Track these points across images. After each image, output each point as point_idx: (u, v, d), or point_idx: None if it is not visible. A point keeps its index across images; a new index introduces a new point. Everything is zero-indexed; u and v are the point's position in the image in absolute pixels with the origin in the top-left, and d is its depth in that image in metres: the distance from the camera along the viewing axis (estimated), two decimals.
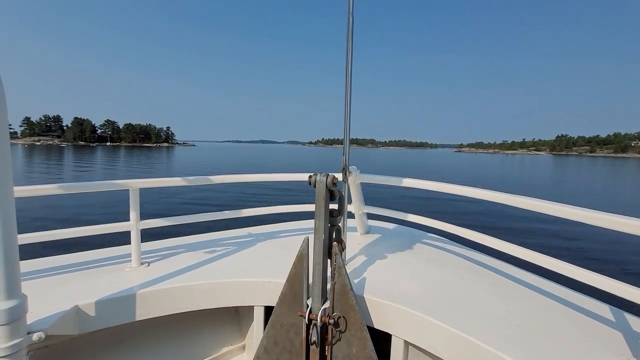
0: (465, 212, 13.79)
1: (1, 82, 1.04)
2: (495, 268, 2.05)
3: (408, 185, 2.14)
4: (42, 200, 11.56)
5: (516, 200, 1.57)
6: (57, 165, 34.54)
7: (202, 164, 41.90)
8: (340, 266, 1.49)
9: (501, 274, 1.96)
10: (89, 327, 1.53)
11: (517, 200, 1.57)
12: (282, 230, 2.83)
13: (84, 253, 2.12)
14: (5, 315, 1.10)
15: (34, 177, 23.64)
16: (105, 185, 1.93)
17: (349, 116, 1.98)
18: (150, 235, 2.16)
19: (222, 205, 14.01)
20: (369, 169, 15.57)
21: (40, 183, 1.79)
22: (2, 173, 1.06)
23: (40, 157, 48.61)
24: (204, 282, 1.78)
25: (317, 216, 1.51)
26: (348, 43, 1.91)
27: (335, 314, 1.46)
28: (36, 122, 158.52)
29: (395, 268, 2.00)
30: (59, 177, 24.70)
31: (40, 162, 39.06)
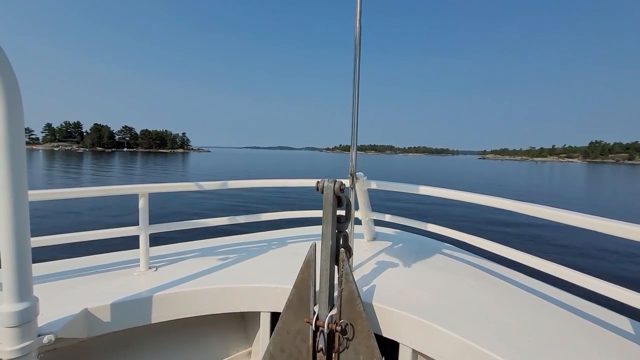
0: (475, 219, 13.65)
1: (18, 91, 1.10)
2: (506, 276, 2.04)
3: (415, 192, 2.14)
4: (55, 204, 12.17)
5: (527, 208, 1.57)
6: (66, 171, 36.20)
7: (210, 171, 42.73)
8: (348, 273, 1.50)
9: (512, 283, 1.94)
10: (98, 330, 1.58)
11: (528, 208, 1.57)
12: (289, 236, 2.87)
13: (93, 257, 2.21)
14: (17, 318, 1.14)
15: (46, 182, 24.85)
16: (115, 190, 2.01)
17: (356, 122, 2.02)
18: (159, 239, 2.23)
19: (231, 211, 14.36)
20: (387, 176, 15.37)
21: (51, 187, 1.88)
22: (17, 177, 1.11)
23: (57, 162, 51.15)
24: (211, 287, 1.82)
25: (325, 222, 1.53)
26: (356, 50, 1.96)
27: (343, 321, 1.47)
28: (57, 129, 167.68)
29: (403, 275, 2.01)
30: (61, 182, 25.86)
31: (50, 167, 41.06)
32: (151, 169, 40.96)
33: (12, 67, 1.08)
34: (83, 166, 43.98)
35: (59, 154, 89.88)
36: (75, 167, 42.18)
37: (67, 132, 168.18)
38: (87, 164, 49.20)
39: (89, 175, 31.23)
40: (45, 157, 64.37)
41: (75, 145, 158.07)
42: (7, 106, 1.06)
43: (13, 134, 1.08)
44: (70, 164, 47.73)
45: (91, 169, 39.12)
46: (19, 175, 1.12)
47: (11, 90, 1.07)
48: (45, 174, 30.58)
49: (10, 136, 1.08)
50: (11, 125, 1.07)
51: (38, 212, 11.90)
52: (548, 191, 28.35)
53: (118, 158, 71.59)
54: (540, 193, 26.71)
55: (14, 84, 1.08)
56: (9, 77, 1.06)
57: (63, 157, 70.15)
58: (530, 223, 12.23)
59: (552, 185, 35.05)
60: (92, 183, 25.61)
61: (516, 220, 12.78)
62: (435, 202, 15.97)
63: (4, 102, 1.05)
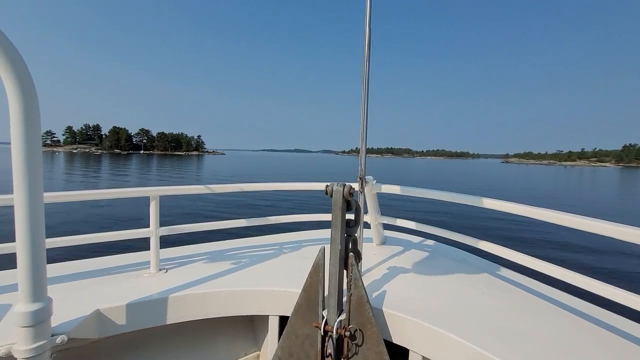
0: (489, 224, 13.41)
1: (36, 97, 1.15)
2: (519, 283, 2.01)
3: (426, 197, 2.15)
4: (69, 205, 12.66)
5: (545, 214, 1.55)
6: (84, 175, 37.62)
7: (223, 174, 43.42)
8: (357, 277, 1.51)
9: (526, 290, 1.92)
10: (109, 331, 1.64)
11: (545, 214, 1.55)
12: (299, 239, 2.92)
13: (104, 258, 2.30)
14: (32, 318, 1.20)
15: (56, 183, 25.95)
16: (127, 192, 2.10)
17: (366, 126, 2.04)
18: (169, 241, 2.30)
19: (241, 213, 14.62)
20: (404, 179, 15.33)
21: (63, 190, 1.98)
22: (33, 180, 1.17)
23: (75, 164, 53.32)
24: (220, 290, 1.87)
25: (334, 226, 1.54)
26: (365, 53, 1.98)
27: (352, 326, 1.47)
28: (77, 131, 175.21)
29: (413, 280, 2.01)
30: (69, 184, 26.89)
31: (69, 169, 42.79)
32: (167, 172, 42.03)
33: (30, 74, 1.13)
34: (99, 168, 45.64)
35: (77, 156, 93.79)
36: (90, 169, 43.83)
37: (86, 135, 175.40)
38: (103, 166, 51.02)
39: (101, 179, 32.35)
40: (64, 159, 67.28)
41: (94, 148, 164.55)
42: (24, 112, 1.12)
43: (29, 139, 1.14)
44: (87, 166, 49.63)
45: (106, 172, 40.57)
46: (35, 179, 1.17)
47: (28, 97, 1.12)
48: (64, 176, 31.94)
49: (27, 142, 1.14)
50: (28, 131, 1.13)
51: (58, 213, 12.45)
52: (587, 199, 26.81)
53: (134, 160, 73.94)
54: (577, 199, 25.49)
55: (32, 91, 1.13)
56: (26, 83, 1.11)
57: (81, 159, 73.07)
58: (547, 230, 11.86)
59: (586, 192, 33.39)
60: (110, 184, 26.55)
61: (529, 224, 12.48)
62: (446, 206, 15.78)
63: (21, 109, 1.11)
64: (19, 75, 1.09)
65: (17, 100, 1.10)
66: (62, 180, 27.46)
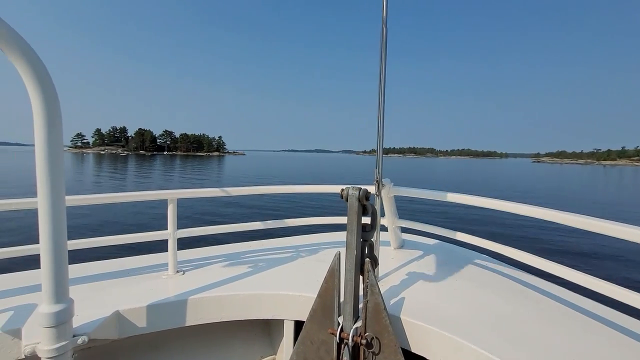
0: (513, 229, 12.81)
1: (58, 103, 1.20)
2: (547, 292, 1.92)
3: (446, 200, 2.09)
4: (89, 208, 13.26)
5: (575, 220, 1.48)
6: (111, 176, 39.38)
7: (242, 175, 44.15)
8: (373, 284, 1.50)
9: (554, 299, 1.83)
10: (128, 332, 1.70)
11: (576, 220, 1.48)
12: (315, 242, 2.92)
13: (123, 259, 2.39)
14: (55, 319, 1.25)
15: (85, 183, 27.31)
16: (146, 195, 2.18)
17: (382, 126, 2.02)
18: (186, 243, 2.36)
19: (257, 215, 14.74)
20: (427, 180, 15.06)
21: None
22: (55, 184, 1.22)
23: (103, 165, 56.02)
24: (236, 293, 1.91)
25: (349, 231, 1.53)
26: (382, 52, 1.97)
27: (368, 334, 1.46)
28: (105, 133, 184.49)
29: (432, 287, 1.97)
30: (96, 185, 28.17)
31: (98, 170, 44.94)
32: (188, 173, 43.33)
33: (52, 82, 1.18)
34: (125, 169, 47.71)
35: (105, 157, 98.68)
36: (117, 170, 45.89)
37: (114, 137, 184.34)
38: (129, 167, 53.28)
39: (127, 179, 33.75)
40: (93, 160, 70.91)
41: (120, 149, 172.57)
42: (47, 120, 1.17)
43: (52, 146, 1.20)
44: (115, 167, 51.99)
45: (132, 172, 42.35)
46: (58, 183, 1.23)
47: (51, 105, 1.18)
48: (93, 178, 33.65)
49: (49, 149, 1.20)
50: (50, 139, 1.19)
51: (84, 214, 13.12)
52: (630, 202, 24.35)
53: (158, 161, 76.74)
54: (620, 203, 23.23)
55: (54, 99, 1.19)
56: (49, 91, 1.17)
57: (108, 160, 76.71)
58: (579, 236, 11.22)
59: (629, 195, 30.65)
60: (135, 186, 27.71)
61: (559, 231, 11.79)
62: (467, 210, 15.34)
63: (44, 117, 1.17)
64: (42, 84, 1.14)
65: (40, 107, 1.15)
66: (90, 182, 28.95)
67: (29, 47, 1.10)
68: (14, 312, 1.60)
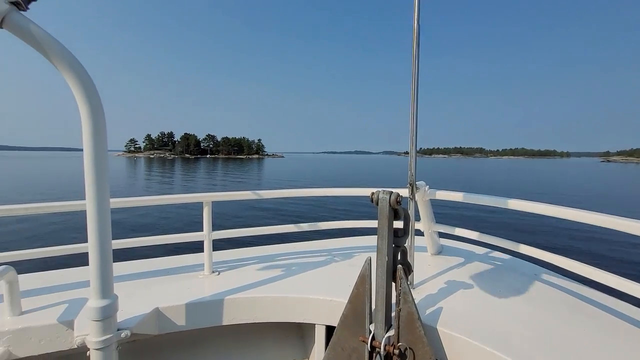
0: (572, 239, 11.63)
1: (103, 115, 1.31)
2: (613, 309, 1.71)
3: (490, 204, 1.97)
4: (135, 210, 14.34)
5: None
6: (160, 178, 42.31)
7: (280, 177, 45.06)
8: (406, 292, 1.47)
9: (617, 316, 1.64)
10: (167, 328, 1.81)
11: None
12: (348, 245, 2.92)
13: (161, 259, 2.55)
14: (101, 313, 1.37)
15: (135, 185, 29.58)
16: (182, 198, 2.32)
17: (415, 127, 1.96)
18: (220, 245, 2.47)
19: (290, 217, 15.24)
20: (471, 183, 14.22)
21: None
22: (100, 187, 1.33)
23: (151, 168, 60.61)
24: (268, 295, 1.96)
25: (380, 236, 1.51)
26: (414, 50, 1.93)
27: (401, 344, 1.43)
28: (155, 138, 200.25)
29: (473, 297, 1.87)
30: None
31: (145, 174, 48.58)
32: (228, 177, 45.35)
33: (99, 96, 1.29)
34: (173, 172, 51.21)
35: (154, 160, 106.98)
36: (164, 173, 49.36)
37: (162, 141, 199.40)
38: (175, 170, 57.10)
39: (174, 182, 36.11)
40: (144, 164, 77.18)
41: (167, 153, 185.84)
42: (93, 128, 1.28)
43: (98, 153, 1.31)
44: (163, 170, 56.00)
45: (179, 174, 45.34)
46: (103, 186, 1.34)
47: (97, 117, 1.29)
48: (144, 182, 36.54)
49: (95, 155, 1.30)
50: (96, 146, 1.30)
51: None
52: None
53: (201, 165, 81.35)
54: None
55: (100, 111, 1.30)
56: (95, 105, 1.28)
57: (157, 163, 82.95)
58: None
59: None
60: (181, 188, 29.65)
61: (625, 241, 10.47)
62: (516, 216, 14.35)
63: (90, 125, 1.28)
64: (89, 98, 1.26)
65: (87, 117, 1.27)
66: (142, 185, 31.46)
67: (79, 64, 1.22)
68: (69, 305, 1.78)
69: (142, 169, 57.68)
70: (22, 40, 1.12)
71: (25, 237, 10.85)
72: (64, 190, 23.44)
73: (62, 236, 10.97)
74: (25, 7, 1.10)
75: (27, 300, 1.80)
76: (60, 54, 1.18)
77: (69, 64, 1.20)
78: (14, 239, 10.59)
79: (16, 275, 1.67)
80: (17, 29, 1.08)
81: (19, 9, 1.09)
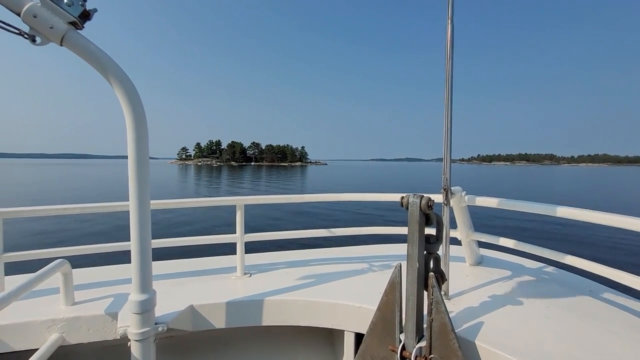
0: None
1: (145, 123, 1.45)
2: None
3: (530, 211, 1.90)
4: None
5: None
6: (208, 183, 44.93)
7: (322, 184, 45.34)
8: (439, 301, 1.44)
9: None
10: (201, 326, 1.97)
11: None
12: (379, 252, 2.95)
13: (196, 259, 2.77)
14: (141, 306, 1.50)
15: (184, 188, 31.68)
16: (217, 201, 2.53)
17: (449, 130, 1.97)
18: (253, 247, 2.64)
19: (319, 223, 15.52)
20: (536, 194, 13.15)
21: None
22: (142, 190, 1.47)
23: (200, 175, 64.73)
24: (299, 299, 2.05)
25: (410, 242, 1.51)
26: (447, 51, 1.95)
27: (433, 356, 1.42)
28: (204, 146, 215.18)
29: (516, 311, 1.79)
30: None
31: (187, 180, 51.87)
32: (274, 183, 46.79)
33: (142, 105, 1.44)
34: (220, 179, 54.25)
35: (202, 168, 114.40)
36: (212, 180, 52.42)
37: (210, 149, 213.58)
38: (222, 177, 60.39)
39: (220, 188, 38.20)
40: (193, 171, 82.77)
41: (214, 161, 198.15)
42: (136, 136, 1.43)
43: (140, 158, 1.45)
44: (210, 177, 59.54)
45: (225, 181, 47.89)
46: (144, 189, 1.48)
47: (139, 123, 1.43)
48: (189, 189, 39.20)
49: (138, 160, 1.45)
50: (139, 152, 1.44)
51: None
52: None
53: (246, 172, 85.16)
54: None
55: (143, 120, 1.44)
56: (138, 110, 1.42)
57: (204, 170, 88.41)
58: None
59: None
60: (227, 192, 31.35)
61: None
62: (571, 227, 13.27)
63: (133, 133, 1.42)
64: (135, 109, 1.40)
65: (132, 128, 1.41)
66: (190, 188, 33.75)
67: (127, 77, 1.38)
68: (114, 298, 2.01)
69: (191, 175, 61.77)
70: (79, 57, 1.26)
71: (80, 235, 12.49)
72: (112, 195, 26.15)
73: (110, 234, 12.39)
74: (81, 26, 1.24)
75: (78, 292, 2.03)
76: (112, 69, 1.33)
77: (118, 78, 1.34)
78: (71, 236, 12.22)
79: (71, 269, 1.88)
80: (75, 47, 1.22)
81: (76, 27, 1.23)
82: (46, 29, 1.14)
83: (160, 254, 2.11)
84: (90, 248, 2.25)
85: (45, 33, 1.14)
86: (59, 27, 1.16)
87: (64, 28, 1.18)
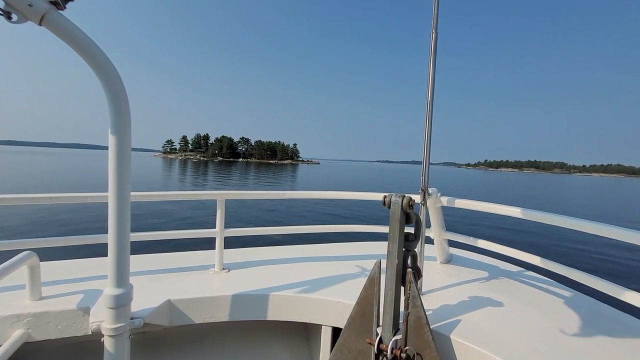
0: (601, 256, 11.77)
1: (128, 108, 1.48)
2: (629, 324, 1.85)
3: (500, 213, 2.13)
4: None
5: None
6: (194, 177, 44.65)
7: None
8: (415, 296, 1.60)
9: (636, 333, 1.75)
10: (178, 321, 2.09)
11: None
12: (357, 250, 3.17)
13: (174, 254, 2.90)
14: (116, 301, 1.54)
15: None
16: (197, 195, 2.68)
17: (429, 133, 2.17)
18: (231, 242, 2.80)
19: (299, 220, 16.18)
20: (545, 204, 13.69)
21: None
22: (122, 181, 1.51)
23: (187, 169, 64.15)
24: (276, 293, 2.21)
25: (391, 239, 1.68)
26: (430, 57, 2.15)
27: (408, 348, 1.55)
28: (191, 140, 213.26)
29: (483, 307, 2.02)
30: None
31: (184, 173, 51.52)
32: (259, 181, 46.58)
33: (125, 93, 1.47)
34: (206, 175, 53.86)
35: (183, 162, 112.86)
36: (197, 174, 52.07)
37: (197, 143, 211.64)
38: (209, 172, 59.92)
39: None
40: (178, 165, 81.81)
41: (199, 155, 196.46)
42: (119, 125, 1.46)
43: (121, 149, 1.48)
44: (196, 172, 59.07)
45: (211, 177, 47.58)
46: (124, 179, 1.52)
47: (122, 113, 1.46)
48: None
49: (119, 150, 1.48)
50: (120, 142, 1.48)
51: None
52: None
53: (234, 168, 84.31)
54: None
55: (125, 104, 1.47)
56: (122, 100, 1.46)
57: (190, 165, 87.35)
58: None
59: None
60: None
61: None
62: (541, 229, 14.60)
63: (116, 122, 1.45)
64: (117, 97, 1.43)
65: (115, 116, 1.45)
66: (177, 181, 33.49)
67: (110, 63, 1.40)
68: (86, 293, 2.05)
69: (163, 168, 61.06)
70: (59, 38, 1.27)
71: (48, 226, 12.34)
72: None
73: (83, 227, 12.36)
74: (63, 7, 1.27)
75: (47, 287, 2.06)
76: (94, 53, 1.35)
77: (101, 64, 1.37)
78: (37, 228, 12.03)
79: (38, 262, 1.91)
80: (55, 27, 1.24)
81: (58, 8, 1.25)
82: (24, 7, 1.14)
83: (138, 248, 2.18)
84: (60, 240, 2.29)
85: (23, 10, 1.15)
86: (39, 6, 1.17)
87: (45, 7, 1.18)
